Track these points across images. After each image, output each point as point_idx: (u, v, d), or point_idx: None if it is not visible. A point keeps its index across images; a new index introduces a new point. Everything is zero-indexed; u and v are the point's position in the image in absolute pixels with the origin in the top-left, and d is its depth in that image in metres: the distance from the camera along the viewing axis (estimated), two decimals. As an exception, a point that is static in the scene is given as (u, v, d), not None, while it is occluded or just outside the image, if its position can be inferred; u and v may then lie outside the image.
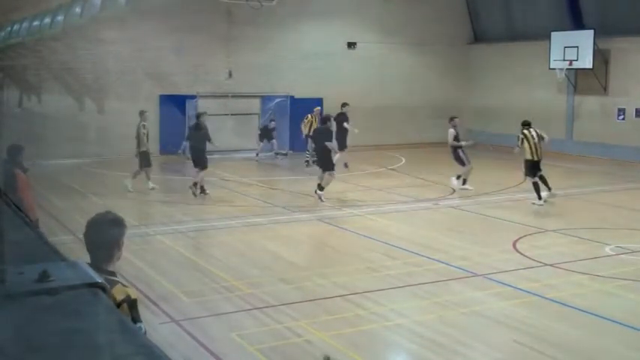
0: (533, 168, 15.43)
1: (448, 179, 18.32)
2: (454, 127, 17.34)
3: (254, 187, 18.57)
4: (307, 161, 21.84)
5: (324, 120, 16.69)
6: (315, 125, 20.20)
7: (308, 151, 21.96)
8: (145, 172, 17.05)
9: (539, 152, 15.46)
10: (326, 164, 15.77)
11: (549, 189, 15.45)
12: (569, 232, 12.99)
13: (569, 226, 13.49)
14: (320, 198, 15.57)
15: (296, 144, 25.47)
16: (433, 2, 28.51)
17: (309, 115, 22.34)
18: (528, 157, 15.45)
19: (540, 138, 15.58)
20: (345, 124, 20.36)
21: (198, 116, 17.14)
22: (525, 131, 15.67)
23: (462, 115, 27.00)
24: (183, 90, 24.15)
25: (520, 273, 10.27)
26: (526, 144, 15.50)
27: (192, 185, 16.16)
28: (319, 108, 22.73)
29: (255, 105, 25.52)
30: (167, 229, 13.10)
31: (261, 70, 25.39)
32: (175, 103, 23.98)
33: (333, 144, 16.27)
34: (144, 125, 17.08)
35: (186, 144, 18.07)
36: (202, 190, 16.18)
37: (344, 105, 21.10)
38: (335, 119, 17.94)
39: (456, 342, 7.69)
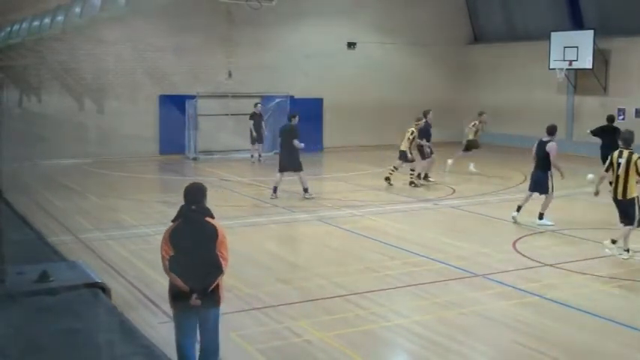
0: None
1: (447, 176, 18.38)
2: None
3: (254, 187, 18.57)
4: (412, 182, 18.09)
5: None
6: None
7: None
8: None
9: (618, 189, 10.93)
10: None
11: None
12: (570, 232, 12.99)
13: (570, 226, 13.48)
14: None
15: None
16: (433, 2, 28.52)
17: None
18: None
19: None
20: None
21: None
22: (616, 154, 10.84)
23: (461, 115, 27.06)
24: (183, 90, 24.14)
25: (520, 273, 10.27)
26: (610, 172, 11.05)
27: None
28: None
29: (255, 105, 25.47)
30: (167, 229, 13.08)
31: (261, 70, 25.39)
32: (175, 103, 23.97)
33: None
34: None
35: None
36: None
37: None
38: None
39: (455, 342, 7.69)
